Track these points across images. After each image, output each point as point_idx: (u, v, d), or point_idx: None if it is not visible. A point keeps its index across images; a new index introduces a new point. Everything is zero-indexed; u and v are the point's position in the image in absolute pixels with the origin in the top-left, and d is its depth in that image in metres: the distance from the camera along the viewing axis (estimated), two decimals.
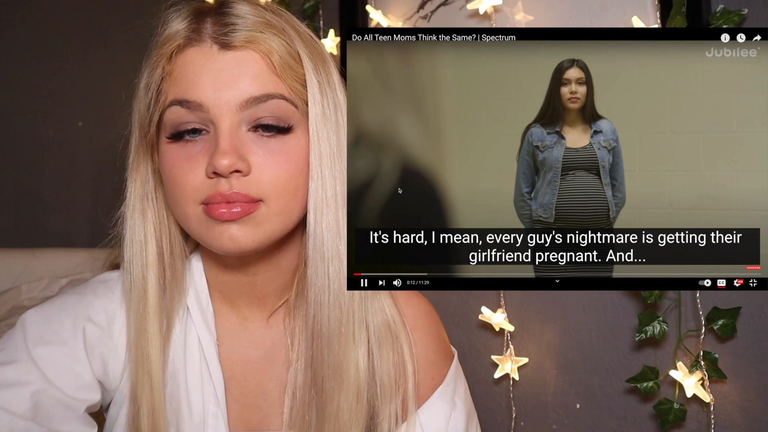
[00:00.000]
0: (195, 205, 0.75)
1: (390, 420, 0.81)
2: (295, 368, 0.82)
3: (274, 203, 0.75)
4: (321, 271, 0.78)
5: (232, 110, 0.74)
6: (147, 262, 0.81)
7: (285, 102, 0.76)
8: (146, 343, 0.80)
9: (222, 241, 0.74)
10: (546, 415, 1.33)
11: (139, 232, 0.81)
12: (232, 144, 0.73)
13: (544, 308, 1.34)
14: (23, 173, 2.09)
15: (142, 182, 0.82)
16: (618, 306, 1.24)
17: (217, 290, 0.87)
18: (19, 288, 1.74)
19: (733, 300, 1.09)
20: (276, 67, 0.75)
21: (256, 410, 0.84)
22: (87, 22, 2.13)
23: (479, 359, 1.40)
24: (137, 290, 0.80)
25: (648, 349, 1.20)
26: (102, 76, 2.08)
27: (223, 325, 0.86)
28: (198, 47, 0.75)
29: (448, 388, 0.86)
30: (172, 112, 0.75)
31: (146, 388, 0.80)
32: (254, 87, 0.74)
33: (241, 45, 0.75)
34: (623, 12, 1.21)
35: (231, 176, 0.73)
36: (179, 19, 0.78)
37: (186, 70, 0.75)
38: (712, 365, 1.09)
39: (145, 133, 0.79)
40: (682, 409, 1.12)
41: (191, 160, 0.75)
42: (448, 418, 0.85)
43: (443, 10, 1.49)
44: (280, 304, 0.86)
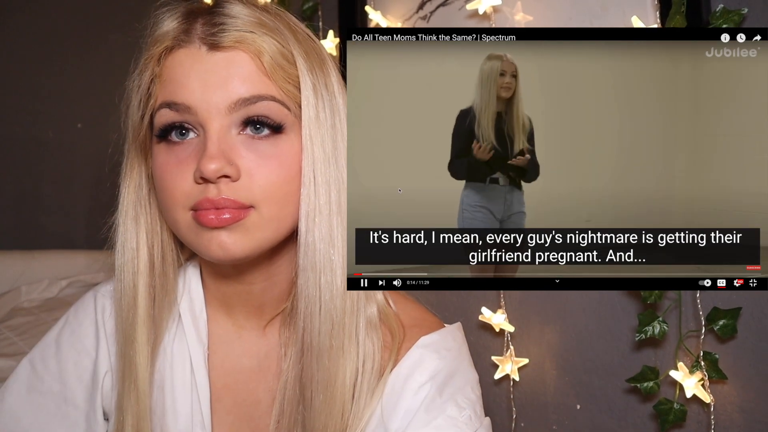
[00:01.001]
0: (184, 211, 0.73)
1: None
2: (285, 380, 0.79)
3: (266, 209, 0.72)
4: (312, 282, 0.75)
5: (221, 112, 0.72)
6: (138, 270, 0.79)
7: (276, 104, 0.73)
8: (133, 352, 0.79)
9: (211, 248, 0.72)
10: (546, 416, 1.33)
11: (131, 239, 0.80)
12: (221, 148, 0.71)
13: (544, 309, 1.34)
14: (23, 174, 2.09)
15: (135, 188, 0.81)
16: (618, 306, 1.24)
17: (215, 297, 0.85)
18: (18, 289, 1.74)
19: (734, 300, 1.09)
20: (266, 68, 0.73)
21: (248, 420, 0.83)
22: (87, 23, 2.13)
23: (479, 360, 1.40)
24: (127, 298, 0.79)
25: (648, 350, 1.20)
26: (102, 77, 2.07)
27: (218, 333, 0.85)
28: (186, 48, 0.74)
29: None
30: (162, 115, 0.74)
31: (132, 397, 0.79)
32: (244, 88, 0.72)
33: (231, 45, 0.72)
34: (623, 12, 1.21)
35: (219, 181, 0.71)
36: (170, 20, 0.76)
37: (174, 72, 0.74)
38: (713, 366, 1.08)
39: (136, 136, 0.78)
40: (682, 409, 1.12)
41: (181, 164, 0.73)
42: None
43: (442, 10, 1.49)
44: (277, 314, 0.84)
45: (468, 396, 0.79)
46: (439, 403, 0.77)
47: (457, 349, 0.83)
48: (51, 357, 0.85)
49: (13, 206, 2.07)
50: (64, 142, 2.11)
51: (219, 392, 0.83)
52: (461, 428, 0.76)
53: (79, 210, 2.09)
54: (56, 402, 0.83)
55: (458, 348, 0.83)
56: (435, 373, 0.78)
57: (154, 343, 0.81)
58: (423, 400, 0.77)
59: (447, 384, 0.78)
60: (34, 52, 2.08)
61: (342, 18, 1.67)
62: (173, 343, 0.84)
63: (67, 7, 2.12)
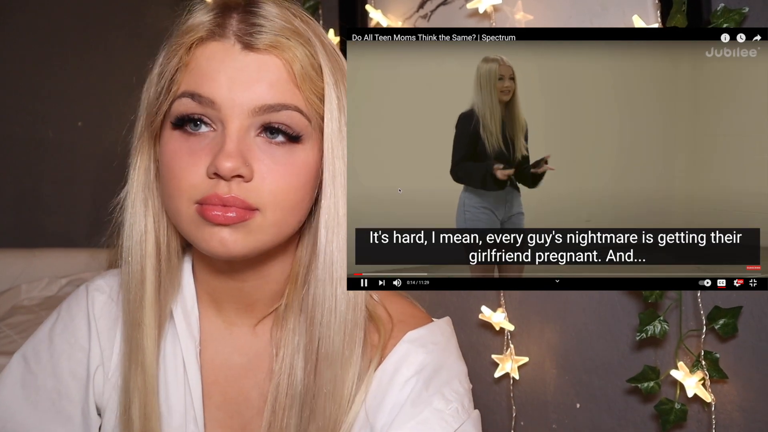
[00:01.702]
0: (189, 202, 0.73)
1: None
2: (277, 383, 0.80)
3: (271, 214, 0.73)
4: (330, 294, 0.76)
5: (244, 113, 0.72)
6: (146, 253, 0.79)
7: (299, 114, 0.74)
8: (141, 335, 0.79)
9: (212, 243, 0.72)
10: (546, 415, 1.33)
11: (139, 222, 0.79)
12: (239, 148, 0.71)
13: (545, 308, 1.34)
14: (23, 173, 2.09)
15: (144, 170, 0.80)
16: (618, 305, 1.24)
17: (205, 293, 0.85)
18: (18, 288, 1.74)
19: (734, 299, 1.09)
20: (297, 77, 0.73)
21: (238, 417, 0.83)
22: (87, 22, 2.13)
23: (479, 358, 1.40)
24: (135, 281, 0.79)
25: (648, 349, 1.20)
26: (102, 76, 2.08)
27: (209, 329, 0.85)
28: (220, 42, 0.73)
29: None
30: (182, 104, 0.73)
31: (139, 380, 0.79)
32: (270, 94, 0.72)
33: (265, 48, 0.72)
34: (623, 11, 1.21)
35: (232, 180, 0.71)
36: (204, 10, 0.75)
37: (204, 63, 0.73)
38: (713, 365, 1.08)
39: (152, 121, 0.77)
40: (683, 409, 1.12)
41: (194, 155, 0.73)
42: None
43: (443, 9, 1.49)
44: (268, 313, 0.84)
45: (455, 389, 0.79)
46: (426, 396, 0.77)
47: (445, 343, 0.82)
48: (44, 351, 0.85)
49: (13, 205, 2.07)
50: (65, 140, 2.11)
51: (209, 388, 0.83)
52: (447, 421, 0.76)
53: (79, 208, 2.09)
54: (50, 397, 0.83)
55: (446, 342, 0.83)
56: (421, 368, 0.79)
57: (159, 327, 0.81)
58: (409, 394, 0.77)
59: (433, 378, 0.78)
60: (34, 51, 2.08)
61: (342, 16, 1.67)
62: (166, 338, 0.84)
63: (67, 7, 2.12)
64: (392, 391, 0.78)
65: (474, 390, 0.83)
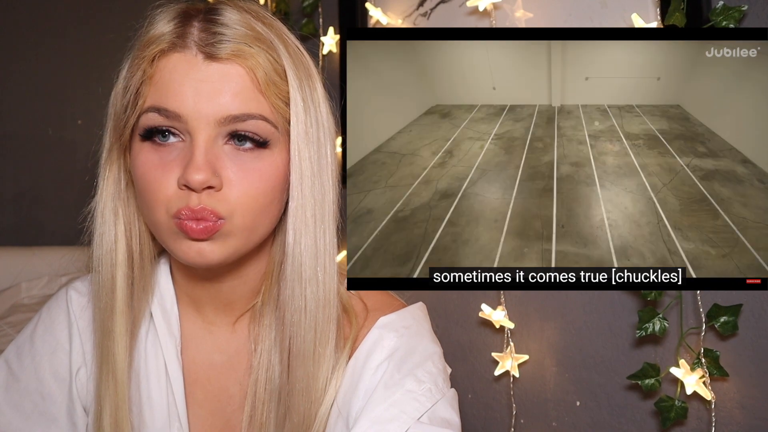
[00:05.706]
0: (167, 215, 0.73)
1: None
2: (256, 378, 0.81)
3: (240, 219, 0.73)
4: (298, 293, 0.76)
5: (210, 124, 0.72)
6: (116, 262, 0.80)
7: (264, 122, 0.74)
8: (111, 342, 0.80)
9: (190, 254, 0.73)
10: (546, 413, 1.33)
11: (109, 231, 0.80)
12: (207, 158, 0.71)
13: (544, 305, 1.34)
14: (23, 172, 2.08)
15: (114, 181, 0.81)
16: (618, 303, 1.24)
17: (184, 294, 0.86)
18: (18, 286, 1.74)
19: (734, 297, 1.09)
20: (260, 84, 0.73)
21: (221, 414, 0.84)
22: (86, 22, 2.13)
23: (479, 356, 1.40)
24: (105, 290, 0.80)
25: (648, 347, 1.20)
26: (101, 74, 2.07)
27: (189, 329, 0.86)
28: (182, 54, 0.73)
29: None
30: (149, 118, 0.74)
31: (110, 387, 0.79)
32: (235, 104, 0.72)
33: (227, 57, 0.72)
34: (623, 9, 1.21)
35: (203, 192, 0.71)
36: (165, 20, 0.75)
37: (167, 76, 0.73)
38: (714, 363, 1.09)
39: (120, 134, 0.78)
40: (683, 406, 1.12)
41: (165, 167, 0.73)
42: None
43: (443, 7, 1.48)
44: (246, 310, 0.85)
45: (428, 370, 0.79)
46: (398, 378, 0.77)
47: (416, 327, 0.83)
48: (26, 355, 0.86)
49: (13, 203, 2.07)
50: (64, 138, 2.11)
51: (191, 387, 0.84)
52: (420, 401, 0.76)
53: (79, 206, 2.09)
54: (34, 400, 0.84)
55: (417, 325, 0.83)
56: (393, 351, 0.79)
57: (132, 334, 0.82)
58: (381, 377, 0.77)
59: (405, 360, 0.79)
60: (33, 50, 2.07)
61: (342, 15, 1.66)
62: (146, 339, 0.85)
63: (66, 6, 2.11)
64: (365, 377, 0.78)
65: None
